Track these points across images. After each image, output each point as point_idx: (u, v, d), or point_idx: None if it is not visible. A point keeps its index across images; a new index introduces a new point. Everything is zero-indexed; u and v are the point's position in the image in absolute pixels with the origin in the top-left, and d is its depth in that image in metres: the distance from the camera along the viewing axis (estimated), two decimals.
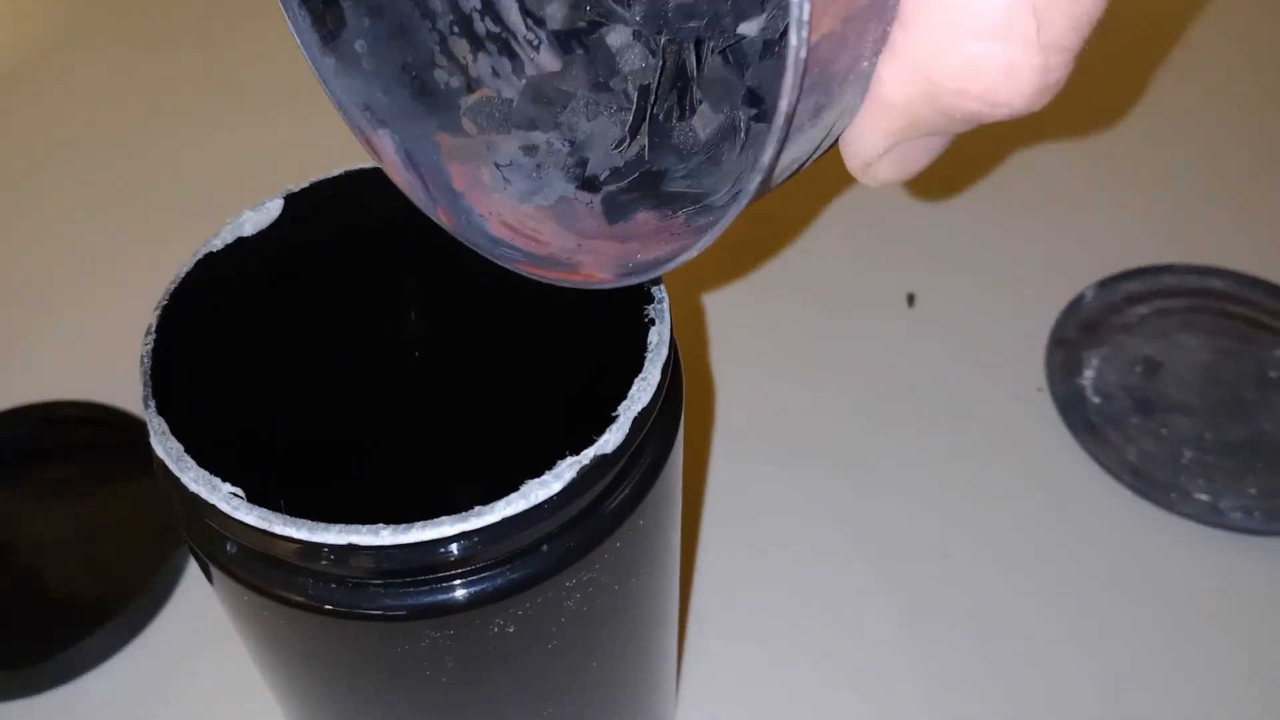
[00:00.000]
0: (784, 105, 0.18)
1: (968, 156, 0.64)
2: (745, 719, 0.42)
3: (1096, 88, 0.69)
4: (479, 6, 0.28)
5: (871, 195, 0.62)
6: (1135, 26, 0.73)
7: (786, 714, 0.42)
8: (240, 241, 0.29)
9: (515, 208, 0.27)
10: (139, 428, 0.49)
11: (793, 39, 0.18)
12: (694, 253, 0.22)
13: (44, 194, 0.66)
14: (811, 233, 0.61)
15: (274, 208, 0.30)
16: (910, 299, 0.57)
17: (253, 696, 0.41)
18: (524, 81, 0.28)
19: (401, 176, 0.27)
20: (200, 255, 0.29)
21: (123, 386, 0.49)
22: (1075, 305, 0.54)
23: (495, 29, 0.28)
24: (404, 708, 0.28)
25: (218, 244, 0.29)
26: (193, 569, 0.46)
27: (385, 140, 0.27)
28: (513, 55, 0.29)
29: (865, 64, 0.20)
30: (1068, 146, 0.66)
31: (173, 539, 0.45)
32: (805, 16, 0.17)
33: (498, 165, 0.28)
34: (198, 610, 0.45)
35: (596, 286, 0.25)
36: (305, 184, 0.30)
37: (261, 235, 0.29)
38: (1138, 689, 0.42)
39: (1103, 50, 0.69)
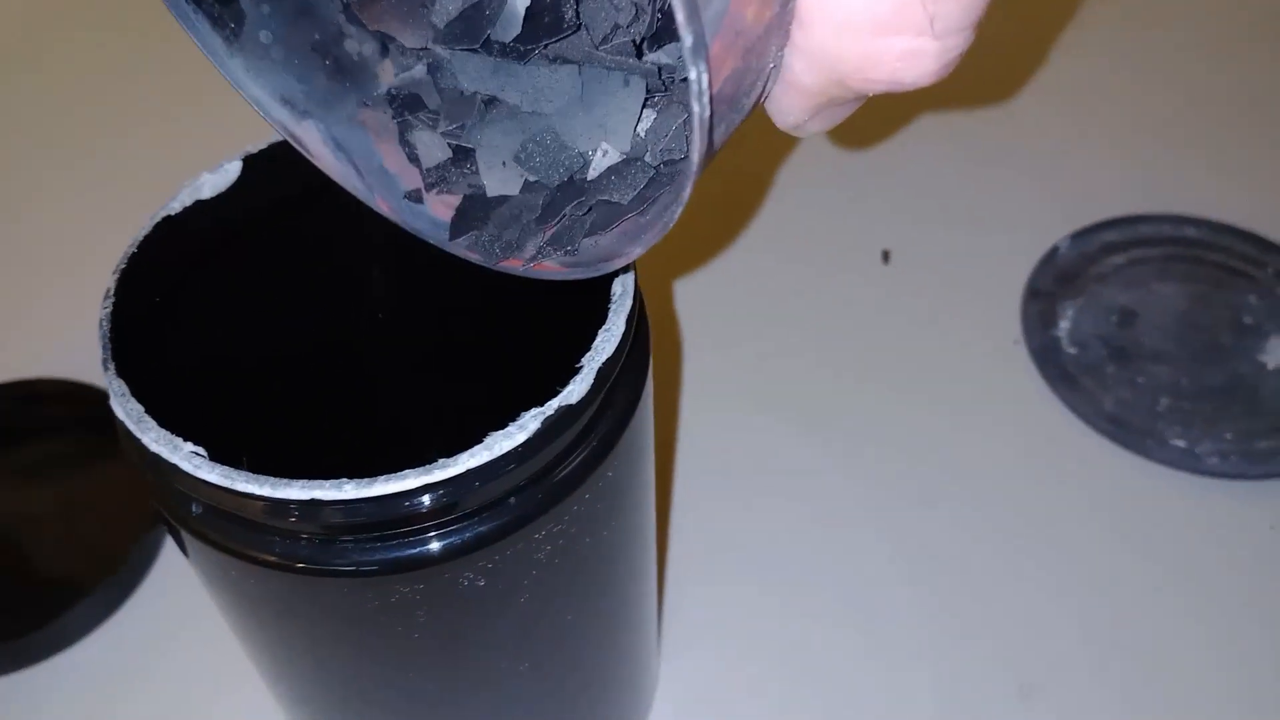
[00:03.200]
0: (695, 157, 0.19)
1: (945, 115, 0.64)
2: (730, 674, 0.42)
3: (1066, 42, 0.69)
4: None
5: (846, 152, 0.62)
6: None
7: (771, 664, 0.42)
8: (199, 204, 0.29)
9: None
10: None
11: (695, 106, 0.18)
12: (636, 255, 0.23)
13: (14, 173, 0.65)
14: (787, 190, 0.60)
15: (232, 170, 0.29)
16: (886, 255, 0.57)
17: (232, 666, 0.41)
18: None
19: (334, 167, 0.27)
20: (158, 218, 0.28)
21: (99, 364, 0.49)
22: (1051, 257, 0.55)
23: None
24: (377, 665, 0.28)
25: (175, 207, 0.29)
26: (170, 543, 0.46)
27: (311, 131, 0.26)
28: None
29: (771, 66, 0.21)
30: (1041, 99, 0.65)
31: (150, 510, 0.45)
32: (704, 85, 0.18)
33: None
34: (176, 584, 0.45)
35: (546, 276, 0.25)
36: (263, 145, 0.30)
37: (220, 197, 0.29)
38: (1119, 632, 0.43)
39: (1074, 8, 0.69)
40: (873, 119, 0.64)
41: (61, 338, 0.54)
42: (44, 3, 0.79)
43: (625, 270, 0.27)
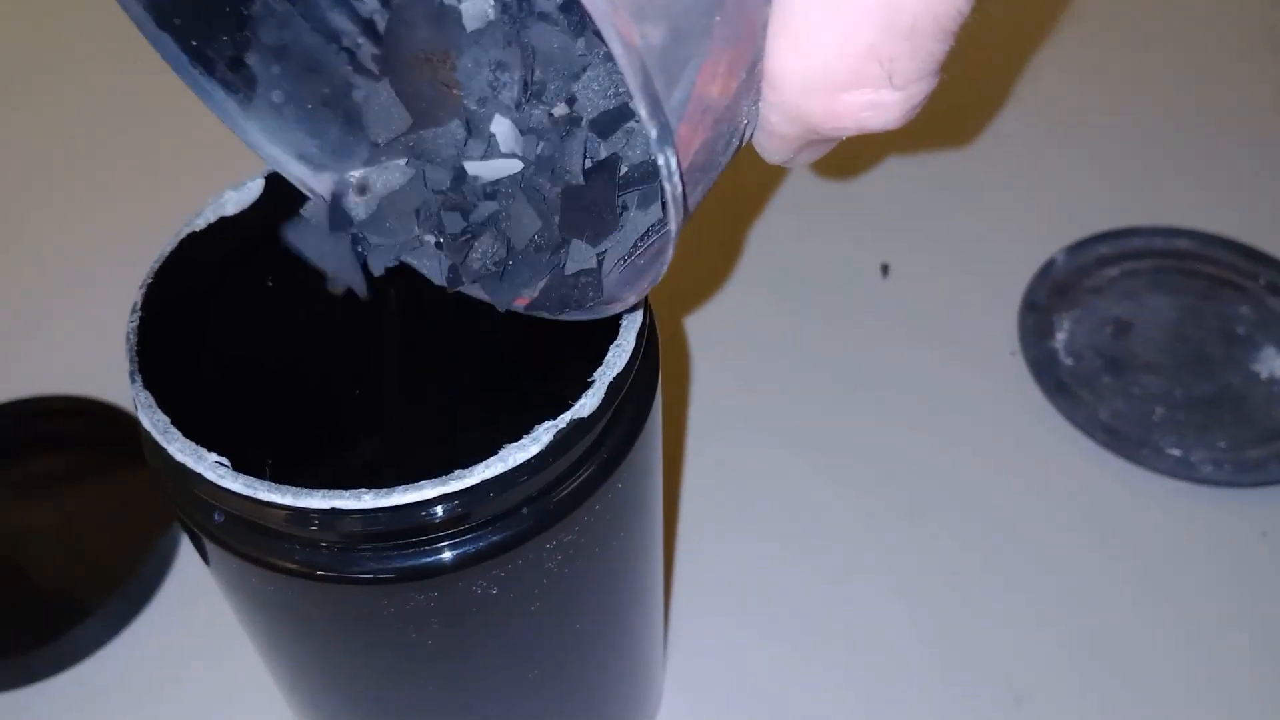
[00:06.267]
0: (673, 226, 0.20)
1: (941, 132, 0.65)
2: (733, 681, 0.43)
3: (1060, 61, 0.70)
4: (378, 7, 0.27)
5: (846, 170, 0.63)
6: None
7: (774, 669, 0.43)
8: (223, 220, 0.29)
9: None
10: (124, 420, 0.49)
11: (665, 186, 0.19)
12: (632, 301, 0.24)
13: (27, 190, 0.66)
14: (788, 206, 0.61)
15: (255, 187, 0.30)
16: (885, 269, 0.57)
17: (240, 685, 0.42)
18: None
19: None
20: (183, 234, 0.29)
21: (108, 380, 0.50)
22: (1046, 270, 0.55)
23: None
24: (392, 671, 0.29)
25: (200, 223, 0.29)
26: (181, 558, 0.47)
27: (329, 184, 0.27)
28: None
29: (745, 123, 0.22)
30: (1035, 116, 0.66)
31: (158, 527, 0.46)
32: (673, 168, 0.19)
33: None
34: (185, 602, 0.46)
35: (551, 317, 0.26)
36: None
37: (243, 213, 0.30)
38: (1115, 639, 0.43)
39: (1060, 26, 0.70)
40: (870, 138, 0.64)
41: (69, 354, 0.55)
42: (64, 17, 0.79)
43: None
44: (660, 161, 0.19)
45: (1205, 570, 0.45)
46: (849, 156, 0.64)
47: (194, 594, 0.45)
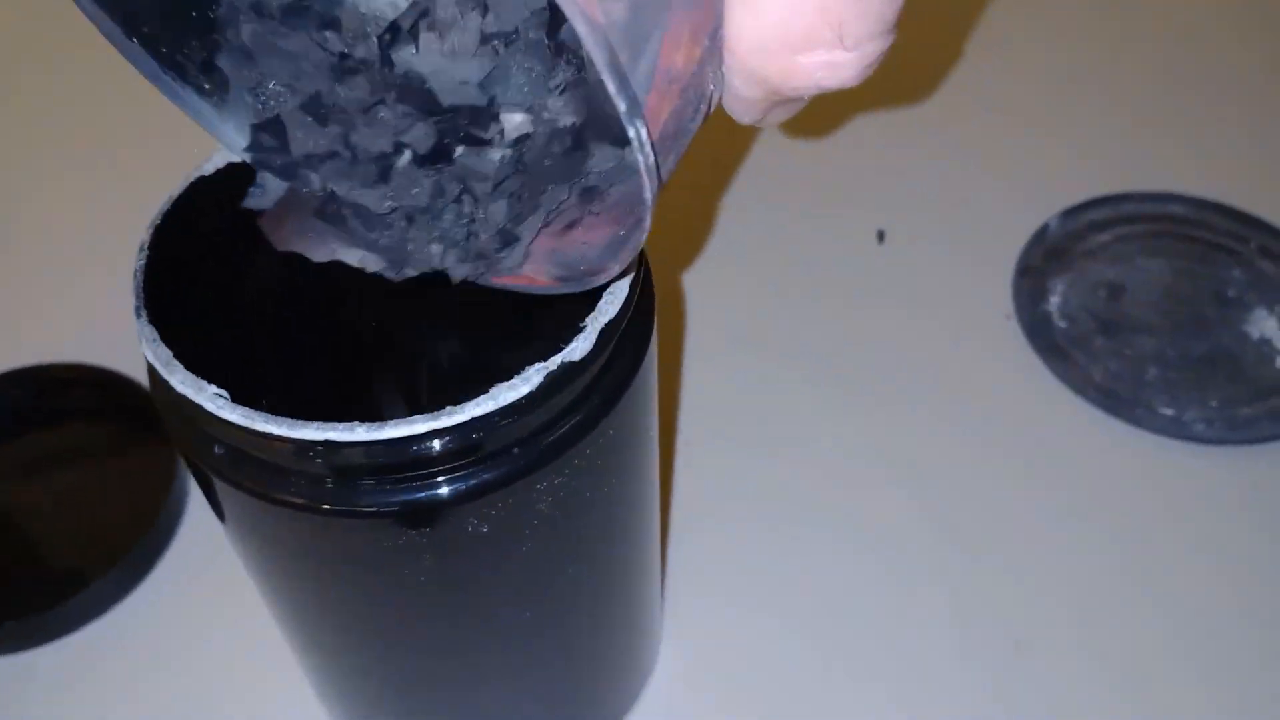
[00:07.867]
0: (648, 196, 0.21)
1: (933, 94, 0.65)
2: (733, 634, 0.44)
3: (1054, 24, 0.70)
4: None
5: (841, 136, 0.64)
6: None
7: (776, 621, 0.44)
8: (230, 166, 0.30)
9: None
10: (134, 390, 0.50)
11: (638, 158, 0.19)
12: (615, 271, 0.24)
13: (41, 158, 0.66)
14: (784, 172, 0.62)
15: None
16: (880, 235, 0.58)
17: (236, 650, 0.43)
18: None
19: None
20: (192, 179, 0.30)
21: (118, 349, 0.50)
22: (1040, 234, 0.56)
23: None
24: (386, 609, 0.29)
25: (209, 168, 0.30)
26: (184, 527, 0.47)
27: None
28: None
29: (712, 88, 0.22)
30: (1029, 80, 0.67)
31: (163, 495, 0.46)
32: (644, 138, 0.19)
33: None
34: (185, 572, 0.46)
35: (539, 291, 0.26)
36: None
37: None
38: (1108, 592, 0.44)
39: None
40: (865, 102, 0.65)
41: (80, 323, 0.55)
42: None
43: None
44: (631, 134, 0.19)
45: (1197, 526, 0.46)
46: (842, 121, 0.64)
47: (198, 560, 0.46)
